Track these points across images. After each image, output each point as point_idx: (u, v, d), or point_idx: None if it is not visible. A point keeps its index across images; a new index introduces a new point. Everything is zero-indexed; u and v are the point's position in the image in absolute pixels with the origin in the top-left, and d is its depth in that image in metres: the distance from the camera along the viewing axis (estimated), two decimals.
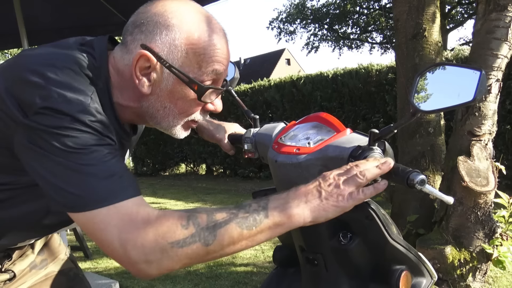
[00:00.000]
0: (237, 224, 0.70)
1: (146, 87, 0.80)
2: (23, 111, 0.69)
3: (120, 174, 0.70)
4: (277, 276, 1.08)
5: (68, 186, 0.67)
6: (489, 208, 2.35)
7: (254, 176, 8.06)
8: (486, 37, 2.37)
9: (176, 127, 0.85)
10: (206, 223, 0.69)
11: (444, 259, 2.35)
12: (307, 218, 0.73)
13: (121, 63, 0.81)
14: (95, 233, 0.69)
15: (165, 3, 0.81)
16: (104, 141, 0.71)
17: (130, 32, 0.81)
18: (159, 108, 0.82)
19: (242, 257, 3.51)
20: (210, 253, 0.70)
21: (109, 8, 3.23)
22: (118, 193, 0.68)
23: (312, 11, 23.88)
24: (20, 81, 0.71)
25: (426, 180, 0.72)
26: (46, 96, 0.68)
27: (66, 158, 0.67)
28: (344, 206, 0.73)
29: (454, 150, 2.48)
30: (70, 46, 0.80)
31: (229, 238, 0.70)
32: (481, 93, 0.73)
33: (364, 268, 0.89)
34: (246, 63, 42.57)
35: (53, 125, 0.67)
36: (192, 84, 0.79)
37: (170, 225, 0.68)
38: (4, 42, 3.75)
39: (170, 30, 0.78)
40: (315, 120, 0.94)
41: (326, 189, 0.74)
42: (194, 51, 0.78)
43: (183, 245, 0.68)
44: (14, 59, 0.79)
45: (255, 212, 0.71)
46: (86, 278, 1.18)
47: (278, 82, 7.74)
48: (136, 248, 0.66)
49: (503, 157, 4.12)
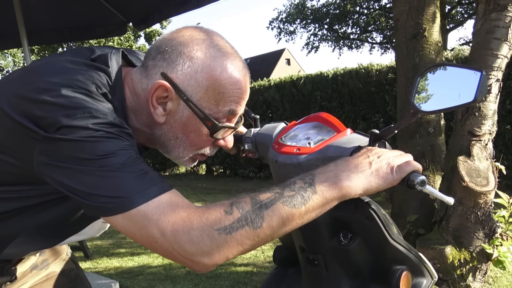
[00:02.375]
0: (284, 203, 0.67)
1: (161, 116, 0.79)
2: (42, 128, 0.67)
3: (150, 171, 0.70)
4: (277, 276, 1.08)
5: (103, 192, 0.66)
6: (489, 208, 2.35)
7: (254, 176, 8.06)
8: (486, 37, 2.37)
9: (185, 158, 0.85)
10: (251, 206, 0.67)
11: (444, 259, 2.35)
12: (358, 190, 0.71)
13: (139, 86, 0.80)
14: (140, 231, 0.67)
15: (192, 33, 0.79)
16: (130, 146, 0.71)
17: (152, 57, 0.79)
18: (171, 138, 0.82)
19: (242, 257, 3.51)
20: (261, 237, 0.67)
21: (109, 8, 3.23)
22: (154, 188, 0.68)
23: (312, 11, 23.87)
24: (36, 100, 0.68)
25: (427, 180, 0.71)
26: (70, 114, 0.67)
27: (96, 166, 0.66)
28: (393, 178, 0.71)
29: (454, 150, 2.48)
30: (84, 62, 0.77)
31: (278, 219, 0.67)
32: (481, 94, 0.73)
33: (364, 268, 0.88)
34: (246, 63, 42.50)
35: (80, 138, 0.66)
36: (207, 121, 0.78)
37: (214, 212, 0.67)
38: (4, 42, 3.74)
39: (193, 63, 0.76)
40: (316, 120, 0.94)
41: (376, 160, 0.72)
42: (214, 88, 0.77)
43: (230, 231, 0.66)
44: (24, 74, 0.76)
45: (301, 189, 0.69)
46: (87, 279, 1.18)
47: (278, 82, 7.74)
48: (186, 239, 0.65)
49: (503, 157, 4.12)
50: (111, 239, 4.41)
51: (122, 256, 3.84)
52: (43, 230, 0.86)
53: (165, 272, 3.33)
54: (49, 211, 0.81)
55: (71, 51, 0.81)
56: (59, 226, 0.87)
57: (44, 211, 0.81)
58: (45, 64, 0.76)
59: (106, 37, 13.11)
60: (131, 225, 0.67)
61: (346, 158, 0.74)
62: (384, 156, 0.73)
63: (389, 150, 0.77)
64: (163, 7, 3.14)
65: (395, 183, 0.72)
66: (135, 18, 3.46)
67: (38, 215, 0.81)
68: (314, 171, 0.72)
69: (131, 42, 17.43)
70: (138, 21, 3.45)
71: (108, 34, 3.98)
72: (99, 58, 0.80)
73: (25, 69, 0.79)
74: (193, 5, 2.95)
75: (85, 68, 0.75)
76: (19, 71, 0.80)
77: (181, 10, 3.07)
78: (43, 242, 0.94)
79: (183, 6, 3.01)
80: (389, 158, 0.73)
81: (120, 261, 3.70)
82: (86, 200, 0.67)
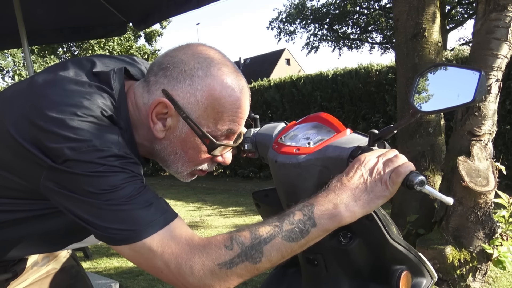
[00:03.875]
0: (283, 238, 0.69)
1: (160, 131, 0.80)
2: (50, 157, 0.68)
3: (155, 201, 0.72)
4: (277, 276, 1.08)
5: (110, 224, 0.69)
6: (489, 208, 2.35)
7: (254, 176, 8.06)
8: (486, 37, 2.37)
9: (184, 173, 0.86)
10: (251, 241, 0.69)
11: (444, 259, 2.35)
12: (358, 215, 0.72)
13: (140, 100, 0.81)
14: (146, 262, 0.70)
15: (194, 50, 0.80)
16: (135, 176, 0.72)
17: (154, 73, 0.80)
18: (170, 153, 0.83)
19: None
20: (260, 269, 0.70)
21: (109, 8, 3.23)
22: (160, 220, 0.70)
23: (312, 11, 23.87)
24: (43, 130, 0.69)
25: (426, 181, 0.71)
26: (76, 148, 0.68)
27: (102, 200, 0.68)
28: (390, 192, 0.72)
29: (454, 150, 2.48)
30: (88, 83, 0.77)
31: (277, 253, 0.69)
32: (480, 94, 0.73)
33: (364, 268, 0.89)
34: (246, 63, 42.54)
35: (85, 172, 0.68)
36: (205, 138, 0.79)
37: (215, 248, 0.69)
38: (4, 42, 3.74)
39: (194, 81, 0.77)
40: (315, 120, 0.94)
41: (370, 178, 0.72)
42: (213, 107, 0.78)
43: (231, 266, 0.68)
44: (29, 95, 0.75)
45: (300, 222, 0.70)
46: (87, 276, 1.18)
47: (278, 82, 7.74)
48: (189, 272, 0.68)
49: (503, 157, 4.12)
50: None
51: (122, 256, 3.83)
52: (46, 237, 0.87)
53: None
54: (52, 221, 0.83)
55: (73, 67, 0.80)
56: (63, 234, 0.89)
57: (48, 221, 0.82)
58: (50, 85, 0.76)
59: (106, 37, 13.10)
60: (138, 256, 0.70)
61: (342, 179, 0.73)
62: (376, 169, 0.72)
63: (379, 155, 0.75)
64: (163, 7, 3.13)
65: (392, 195, 0.73)
66: (135, 18, 3.46)
67: (41, 224, 0.83)
68: (313, 200, 0.72)
69: (131, 42, 17.43)
70: (138, 21, 3.45)
71: (108, 34, 3.98)
72: (101, 75, 0.80)
73: (30, 86, 0.77)
74: (193, 5, 2.95)
75: (90, 89, 0.76)
76: (21, 87, 0.79)
77: (181, 10, 3.07)
78: (45, 248, 0.95)
79: (183, 6, 3.01)
80: (381, 172, 0.72)
81: (120, 261, 3.70)
82: (94, 229, 0.70)
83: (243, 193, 6.71)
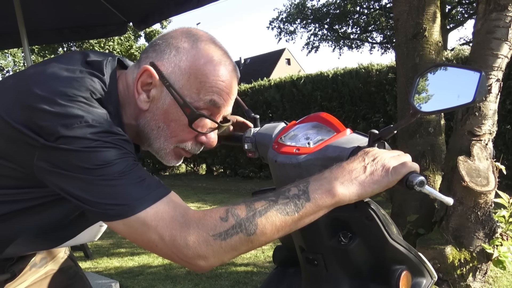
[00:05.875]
0: (277, 211, 0.70)
1: (144, 102, 0.81)
2: (42, 136, 0.69)
3: (148, 177, 0.72)
4: (277, 276, 1.08)
5: (104, 199, 0.69)
6: (489, 208, 2.35)
7: (254, 176, 8.06)
8: (486, 37, 2.37)
9: (166, 150, 0.85)
10: (246, 213, 0.70)
11: (444, 259, 2.36)
12: (352, 197, 0.72)
13: (130, 77, 0.83)
14: (140, 237, 0.70)
15: (185, 30, 0.83)
16: (128, 153, 0.73)
17: (145, 51, 0.84)
18: (153, 128, 0.83)
19: (242, 257, 3.51)
20: (255, 242, 0.70)
21: (109, 8, 3.23)
22: (152, 195, 0.70)
23: (312, 11, 23.86)
24: (35, 109, 0.70)
25: (425, 181, 0.71)
26: (68, 124, 0.68)
27: (96, 175, 0.68)
28: (389, 180, 0.72)
29: (454, 150, 2.48)
30: (79, 69, 0.78)
31: (271, 226, 0.70)
32: (481, 94, 0.73)
33: (364, 268, 0.89)
34: (246, 63, 42.53)
35: (78, 148, 0.68)
36: (186, 107, 0.79)
37: (210, 219, 0.69)
38: (4, 42, 3.75)
39: (179, 52, 0.79)
40: (315, 120, 0.94)
41: (372, 164, 0.73)
42: (196, 76, 0.79)
43: (225, 237, 0.69)
44: (20, 81, 0.77)
45: (295, 197, 0.71)
46: (86, 276, 1.18)
47: (278, 82, 7.74)
48: (183, 244, 0.68)
49: (503, 157, 4.12)
50: (111, 239, 4.42)
51: (122, 256, 3.85)
52: (41, 232, 0.87)
53: (165, 272, 3.33)
54: (47, 213, 0.82)
55: (65, 57, 0.82)
56: (57, 228, 0.88)
57: (42, 213, 0.82)
58: (41, 72, 0.77)
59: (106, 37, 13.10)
60: (132, 231, 0.70)
61: (341, 163, 0.74)
62: (380, 158, 0.74)
63: (387, 151, 0.76)
64: (163, 7, 3.14)
65: (391, 185, 0.73)
66: (135, 18, 3.46)
67: (36, 217, 0.82)
68: (309, 178, 0.74)
69: (131, 42, 17.44)
70: (138, 21, 3.45)
71: (108, 34, 3.98)
72: (94, 64, 0.81)
73: (21, 76, 0.79)
74: (193, 5, 2.95)
75: (80, 74, 0.77)
76: (15, 78, 0.80)
77: (181, 10, 3.07)
78: (41, 244, 0.95)
79: (183, 6, 3.01)
80: (384, 160, 0.73)
81: (120, 261, 3.71)
82: (88, 206, 0.70)
83: (243, 193, 6.72)
